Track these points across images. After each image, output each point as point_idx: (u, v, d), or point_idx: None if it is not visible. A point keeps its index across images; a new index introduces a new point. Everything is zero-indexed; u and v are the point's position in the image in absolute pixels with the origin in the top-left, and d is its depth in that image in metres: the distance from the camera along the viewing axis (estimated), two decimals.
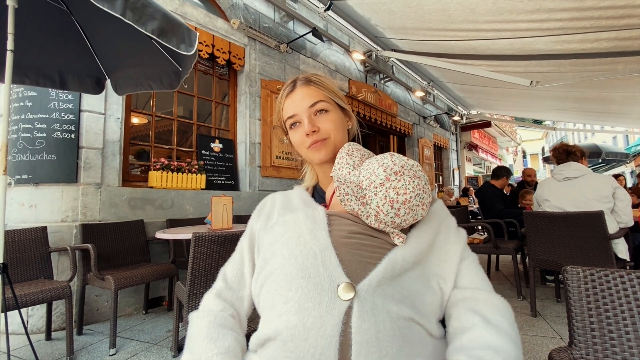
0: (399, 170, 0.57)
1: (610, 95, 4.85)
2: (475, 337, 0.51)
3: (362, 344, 0.45)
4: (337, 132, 0.71)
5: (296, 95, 0.72)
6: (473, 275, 0.60)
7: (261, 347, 0.53)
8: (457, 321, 0.55)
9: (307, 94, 0.71)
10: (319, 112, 0.71)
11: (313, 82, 0.73)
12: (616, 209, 2.43)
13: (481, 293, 0.58)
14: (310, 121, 0.70)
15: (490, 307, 0.55)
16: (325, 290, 0.50)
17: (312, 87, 0.72)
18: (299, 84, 0.73)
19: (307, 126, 0.69)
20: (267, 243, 0.63)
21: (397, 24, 4.03)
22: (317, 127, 0.70)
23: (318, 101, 0.71)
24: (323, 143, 0.70)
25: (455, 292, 0.58)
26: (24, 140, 2.43)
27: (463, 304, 0.56)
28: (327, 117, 0.71)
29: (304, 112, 0.71)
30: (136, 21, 1.37)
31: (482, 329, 0.51)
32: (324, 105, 0.71)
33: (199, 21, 3.34)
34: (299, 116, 0.71)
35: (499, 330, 0.52)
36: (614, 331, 0.64)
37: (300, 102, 0.71)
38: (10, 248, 2.07)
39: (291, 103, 0.72)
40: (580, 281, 0.69)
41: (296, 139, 0.73)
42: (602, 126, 10.12)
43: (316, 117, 0.71)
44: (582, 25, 2.83)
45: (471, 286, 0.59)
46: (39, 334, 2.25)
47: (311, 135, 0.70)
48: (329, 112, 0.72)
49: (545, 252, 2.45)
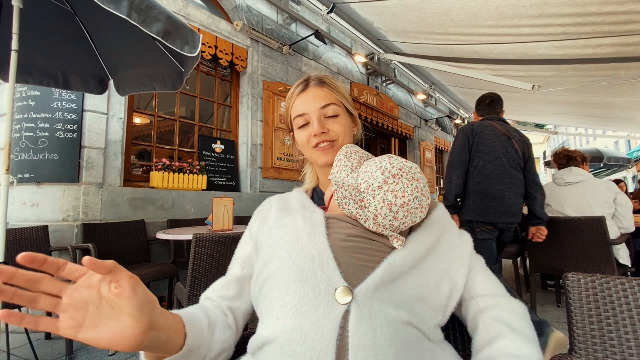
0: (397, 172, 0.57)
1: (612, 100, 4.85)
2: (502, 346, 0.53)
3: (359, 347, 0.45)
4: (345, 137, 0.71)
5: (308, 95, 0.72)
6: (487, 280, 0.62)
7: (259, 350, 0.53)
8: (485, 332, 0.56)
9: (319, 95, 0.71)
10: (329, 115, 0.71)
11: (326, 83, 0.73)
12: (617, 214, 2.43)
13: (502, 300, 0.59)
14: (320, 122, 0.70)
15: (513, 314, 0.57)
16: (322, 294, 0.50)
17: (325, 88, 0.72)
18: (312, 83, 0.73)
19: (316, 127, 0.69)
20: (266, 246, 0.63)
21: (400, 27, 4.04)
22: (327, 129, 0.70)
23: (330, 104, 0.71)
24: (331, 146, 0.70)
25: (477, 301, 0.60)
26: (27, 140, 2.44)
27: (487, 313, 0.58)
28: (337, 121, 0.71)
29: (314, 112, 0.70)
30: (141, 22, 1.38)
31: (507, 338, 0.53)
32: (335, 108, 0.71)
33: (202, 22, 3.36)
34: (309, 116, 0.71)
35: (524, 337, 0.54)
36: (614, 338, 0.64)
37: (312, 102, 0.71)
38: (12, 247, 2.08)
39: (302, 102, 0.72)
40: (581, 288, 0.68)
41: (302, 138, 0.73)
42: (604, 131, 10.10)
43: (326, 119, 0.71)
44: (584, 30, 2.83)
45: (490, 292, 0.60)
46: (39, 333, 2.25)
47: (319, 136, 0.70)
48: (339, 116, 0.72)
49: (546, 257, 2.45)
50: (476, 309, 0.59)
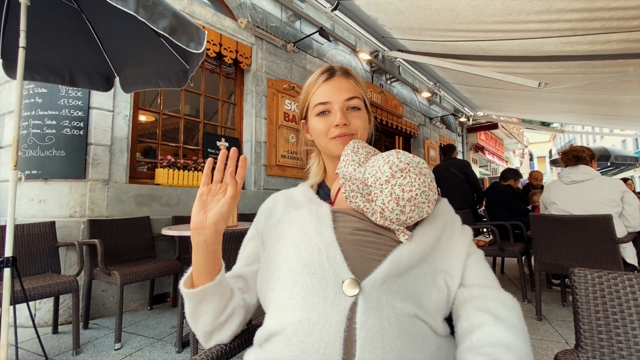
0: (405, 167, 0.57)
1: (620, 98, 4.78)
2: (485, 334, 0.50)
3: (367, 339, 0.45)
4: (363, 132, 0.72)
5: (334, 84, 0.71)
6: (479, 271, 0.60)
7: (266, 342, 0.53)
8: (467, 320, 0.54)
9: (345, 86, 0.71)
10: (351, 107, 0.71)
11: (352, 76, 0.73)
12: (625, 213, 2.40)
13: (489, 290, 0.57)
14: (343, 114, 0.70)
15: (499, 303, 0.55)
16: (330, 286, 0.51)
17: (351, 80, 0.72)
18: (339, 73, 0.73)
19: (339, 118, 0.69)
20: (272, 240, 0.63)
21: (405, 24, 4.02)
22: (349, 121, 0.70)
23: (355, 97, 0.71)
24: (350, 138, 0.70)
25: (463, 291, 0.58)
26: (34, 136, 2.47)
27: (471, 302, 0.56)
28: (358, 115, 0.71)
29: (339, 102, 0.70)
30: (148, 19, 1.38)
31: (491, 325, 0.51)
32: (358, 102, 0.71)
33: (206, 20, 3.36)
34: (332, 105, 0.70)
35: (509, 325, 0.51)
36: (621, 334, 0.64)
37: (338, 92, 0.71)
38: (20, 242, 2.11)
39: (327, 90, 0.71)
40: (588, 283, 0.68)
41: (320, 127, 0.71)
42: (612, 129, 9.97)
43: (348, 111, 0.71)
44: (592, 26, 2.79)
45: (478, 283, 0.58)
46: (46, 328, 2.28)
47: (341, 127, 0.69)
48: (361, 110, 0.72)
49: (551, 256, 2.43)
50: (461, 299, 0.57)
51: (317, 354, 0.46)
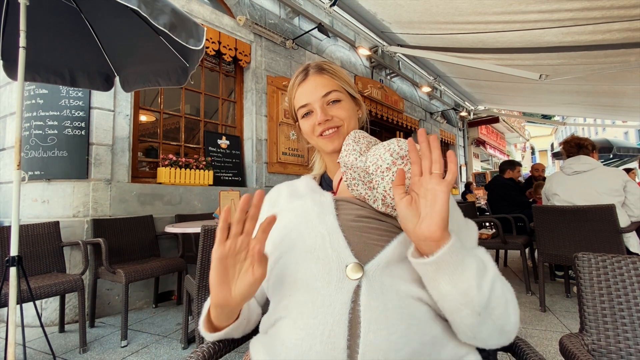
0: (406, 154, 0.57)
1: (622, 88, 4.75)
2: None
3: (371, 321, 0.46)
4: (349, 121, 0.72)
5: (309, 84, 0.72)
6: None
7: (271, 327, 0.54)
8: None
9: (320, 83, 0.71)
10: (331, 101, 0.71)
11: (326, 70, 0.73)
12: (627, 202, 2.39)
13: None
14: (323, 110, 0.70)
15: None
16: (333, 270, 0.51)
17: (325, 75, 0.72)
18: (312, 72, 0.73)
19: (319, 115, 0.69)
20: (276, 229, 0.64)
21: (404, 18, 4.00)
22: (330, 116, 0.70)
23: (331, 91, 0.71)
24: (336, 132, 0.70)
25: None
26: (36, 137, 2.48)
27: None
28: (340, 106, 0.72)
29: (316, 101, 0.71)
30: (149, 15, 1.39)
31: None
32: (336, 95, 0.71)
33: (205, 18, 3.36)
34: (312, 105, 0.71)
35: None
36: (626, 317, 0.64)
37: (314, 91, 0.71)
38: (24, 242, 2.12)
39: (303, 92, 0.72)
40: (592, 267, 0.68)
41: (307, 127, 0.73)
42: (614, 121, 9.91)
43: (329, 106, 0.71)
44: (593, 15, 2.77)
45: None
46: (53, 327, 2.30)
47: (323, 124, 0.70)
48: (342, 101, 0.72)
49: (554, 247, 2.42)
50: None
51: (322, 336, 0.46)
